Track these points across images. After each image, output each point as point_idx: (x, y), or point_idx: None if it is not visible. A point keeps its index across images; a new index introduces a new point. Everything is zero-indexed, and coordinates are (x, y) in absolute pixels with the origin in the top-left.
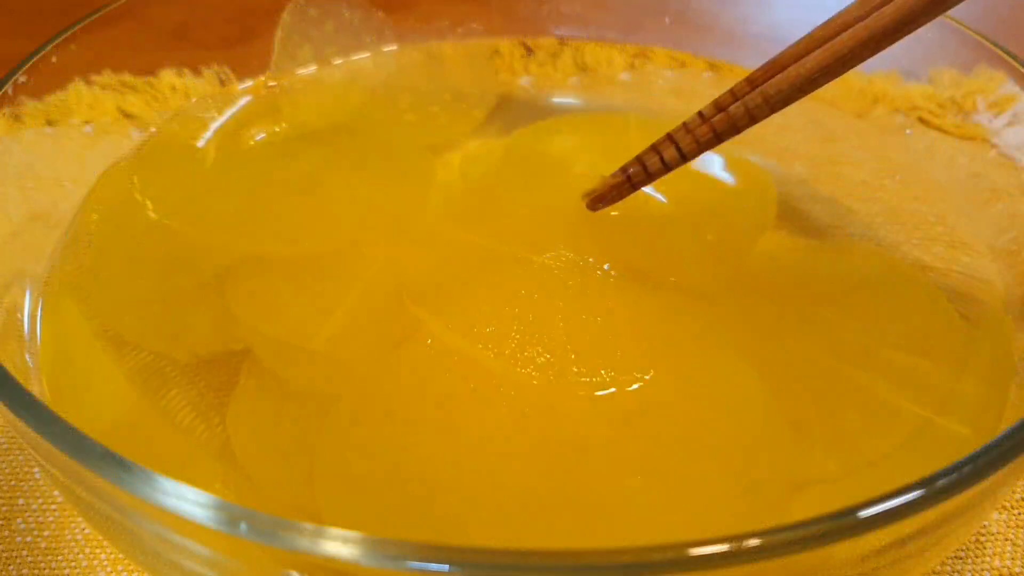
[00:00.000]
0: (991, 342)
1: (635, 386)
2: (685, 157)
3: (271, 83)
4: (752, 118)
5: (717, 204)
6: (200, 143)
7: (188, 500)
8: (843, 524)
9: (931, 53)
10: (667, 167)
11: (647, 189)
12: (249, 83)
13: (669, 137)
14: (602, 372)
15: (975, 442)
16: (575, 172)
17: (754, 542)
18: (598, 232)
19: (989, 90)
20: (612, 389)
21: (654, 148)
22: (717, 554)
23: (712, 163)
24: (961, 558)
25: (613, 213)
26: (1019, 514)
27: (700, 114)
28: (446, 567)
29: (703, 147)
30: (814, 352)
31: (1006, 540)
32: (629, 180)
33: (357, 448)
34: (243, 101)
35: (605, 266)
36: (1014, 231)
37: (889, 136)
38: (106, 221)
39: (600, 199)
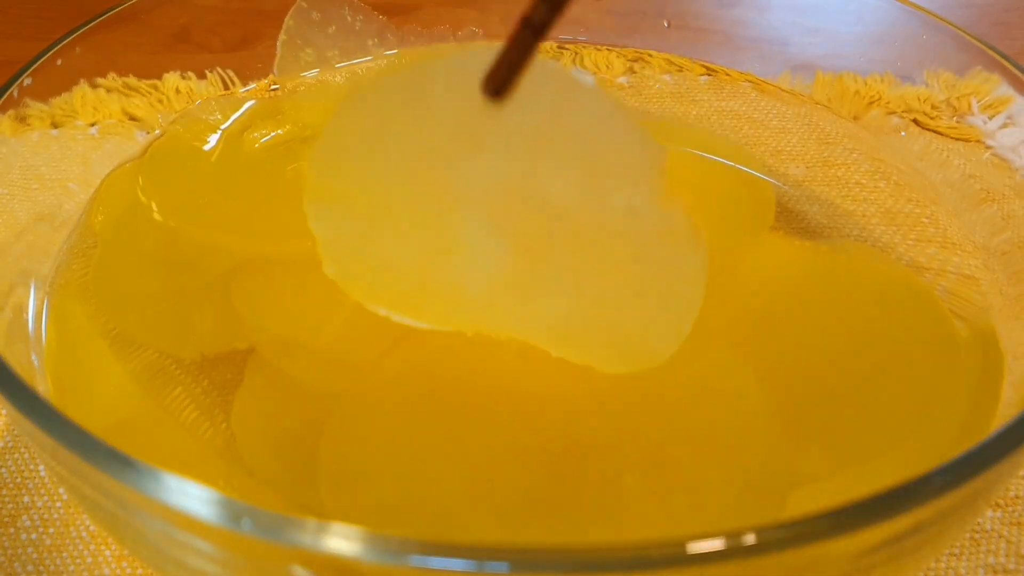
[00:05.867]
0: (984, 341)
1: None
2: None
3: (274, 86)
4: None
5: (713, 206)
6: (204, 145)
7: (193, 497)
8: (838, 521)
9: (926, 56)
10: None
11: None
12: (252, 86)
13: None
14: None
15: (969, 440)
16: None
17: (750, 539)
18: None
19: (984, 92)
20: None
21: None
22: (714, 551)
23: (709, 167)
24: (956, 555)
25: None
26: (1013, 511)
27: None
28: (448, 563)
29: None
30: (809, 351)
31: (1000, 537)
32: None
33: (361, 445)
34: (247, 104)
35: None
36: (1008, 232)
37: (884, 138)
38: (111, 222)
39: (497, 73)
